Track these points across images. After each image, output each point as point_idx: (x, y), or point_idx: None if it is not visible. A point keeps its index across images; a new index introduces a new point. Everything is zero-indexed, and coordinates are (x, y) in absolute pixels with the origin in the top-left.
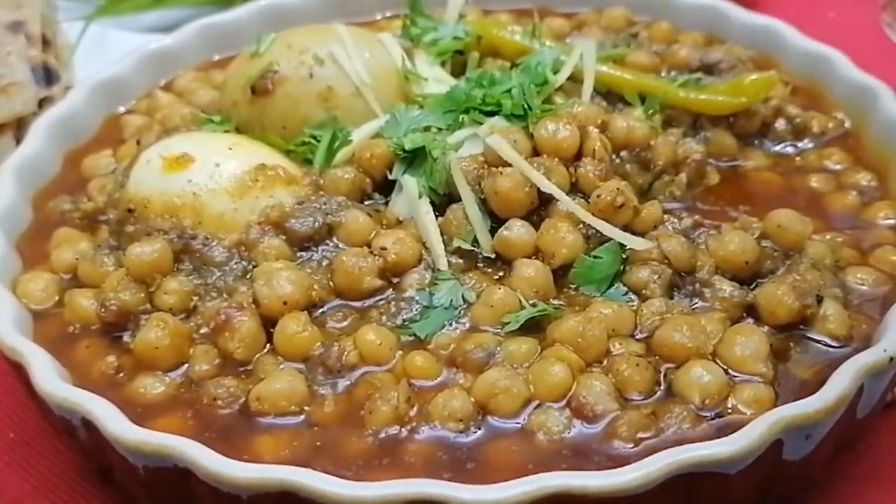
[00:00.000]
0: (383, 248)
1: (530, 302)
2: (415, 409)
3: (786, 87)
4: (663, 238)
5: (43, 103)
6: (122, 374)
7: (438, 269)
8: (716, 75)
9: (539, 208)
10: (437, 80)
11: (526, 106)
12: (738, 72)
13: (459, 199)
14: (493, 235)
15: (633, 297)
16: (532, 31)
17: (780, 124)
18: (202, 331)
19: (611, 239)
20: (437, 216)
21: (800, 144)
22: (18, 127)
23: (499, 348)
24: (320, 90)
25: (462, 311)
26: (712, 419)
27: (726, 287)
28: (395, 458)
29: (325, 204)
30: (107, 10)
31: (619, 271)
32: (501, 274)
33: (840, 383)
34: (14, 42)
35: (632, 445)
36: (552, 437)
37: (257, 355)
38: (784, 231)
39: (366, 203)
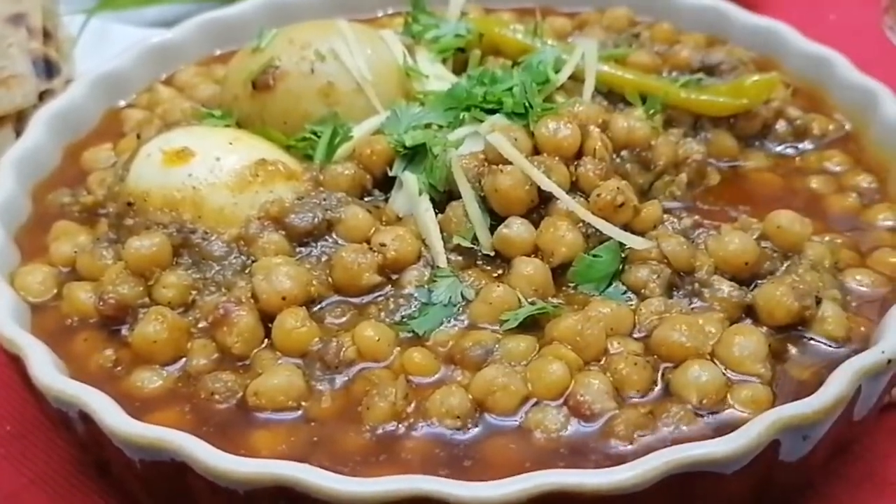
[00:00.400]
0: (383, 245)
1: (529, 300)
2: (412, 405)
3: (787, 89)
4: (663, 238)
5: (43, 96)
6: (119, 368)
7: (438, 266)
8: (717, 76)
9: (539, 206)
10: (438, 78)
11: (527, 104)
12: (739, 73)
13: (459, 197)
14: (492, 233)
15: (631, 296)
16: (534, 29)
17: (781, 126)
18: (200, 325)
19: (610, 238)
20: (436, 213)
21: (800, 146)
22: (18, 119)
23: (497, 346)
24: (321, 86)
25: (461, 309)
26: (709, 419)
27: (725, 287)
28: (393, 455)
29: (324, 200)
30: (108, 4)
31: (618, 270)
32: (500, 272)
33: (838, 385)
34: (15, 34)
35: (629, 444)
36: (549, 435)
37: (255, 350)
38: (784, 232)
39: (366, 199)
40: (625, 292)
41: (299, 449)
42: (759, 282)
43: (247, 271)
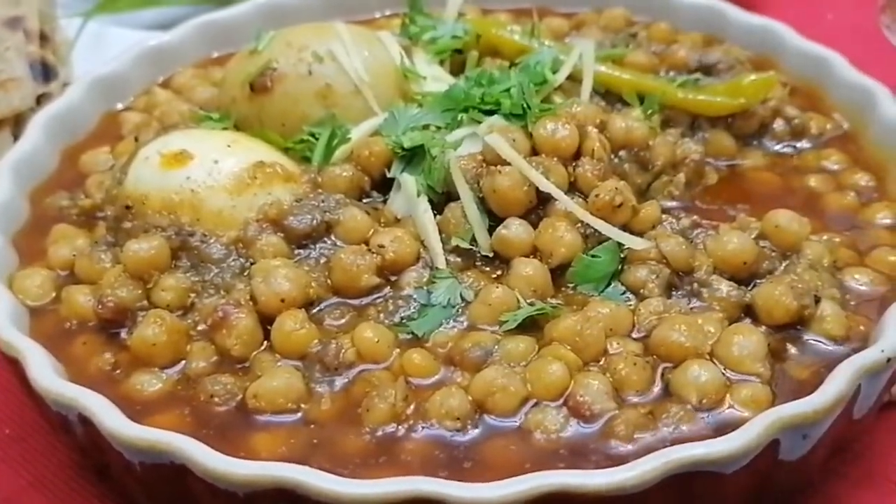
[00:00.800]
0: (381, 246)
1: (528, 301)
2: (412, 407)
3: (784, 88)
4: (661, 238)
5: (41, 99)
6: (118, 371)
7: (436, 268)
8: (714, 76)
9: (537, 207)
10: (435, 79)
11: (525, 105)
12: (736, 72)
13: (458, 198)
14: (491, 234)
15: (630, 296)
16: (531, 30)
17: (779, 125)
18: (199, 328)
19: (609, 238)
20: (435, 214)
21: (798, 145)
22: (16, 123)
23: (496, 347)
24: (319, 88)
25: (460, 310)
26: (709, 419)
27: (724, 287)
28: (392, 457)
29: (323, 202)
30: (105, 7)
31: (617, 270)
32: (499, 273)
33: (837, 384)
34: (12, 38)
35: (629, 444)
36: (549, 436)
37: (254, 352)
38: (782, 231)
39: (364, 201)
40: (624, 292)
41: (299, 451)
42: (758, 281)
43: (245, 274)
